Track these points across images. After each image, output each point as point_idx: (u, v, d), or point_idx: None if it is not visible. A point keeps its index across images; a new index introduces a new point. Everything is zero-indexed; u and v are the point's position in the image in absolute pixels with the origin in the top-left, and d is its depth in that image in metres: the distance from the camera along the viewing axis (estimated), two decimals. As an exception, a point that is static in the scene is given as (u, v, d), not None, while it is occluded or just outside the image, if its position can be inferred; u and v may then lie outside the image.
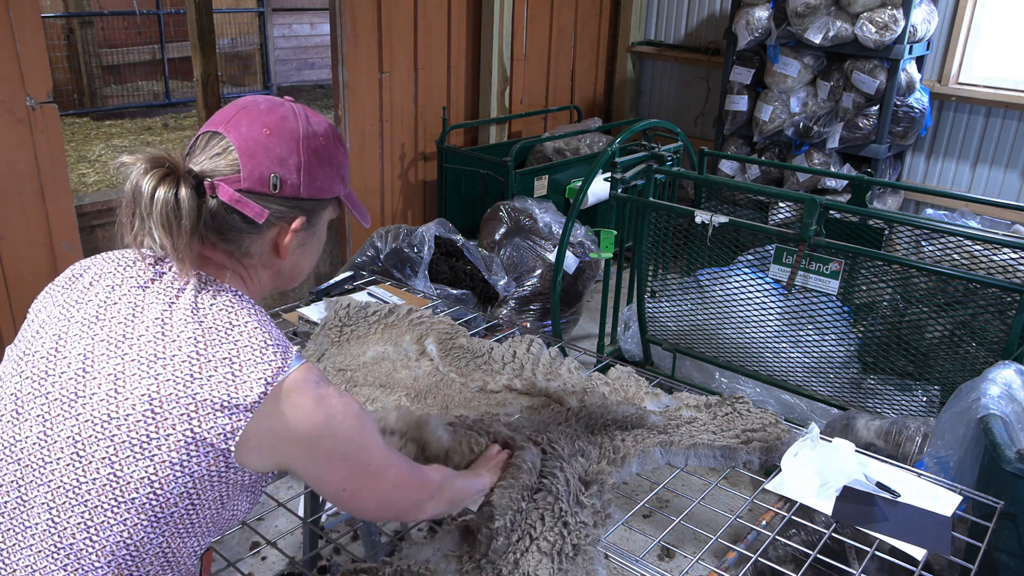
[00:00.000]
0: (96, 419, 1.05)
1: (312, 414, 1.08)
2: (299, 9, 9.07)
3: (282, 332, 1.16)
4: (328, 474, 1.15)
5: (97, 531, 1.04)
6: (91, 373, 1.07)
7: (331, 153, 1.18)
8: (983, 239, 2.73)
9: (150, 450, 1.03)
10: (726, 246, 3.15)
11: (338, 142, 1.21)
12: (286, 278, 1.26)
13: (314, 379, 1.10)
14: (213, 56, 5.32)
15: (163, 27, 7.85)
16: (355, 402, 1.15)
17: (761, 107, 4.74)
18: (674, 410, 1.91)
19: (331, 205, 1.23)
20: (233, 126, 1.11)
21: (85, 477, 1.04)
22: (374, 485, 1.18)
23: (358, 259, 3.80)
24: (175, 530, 1.07)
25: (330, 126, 1.20)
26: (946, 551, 1.49)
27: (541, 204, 4.32)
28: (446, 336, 2.13)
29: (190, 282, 1.11)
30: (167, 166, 1.07)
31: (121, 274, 1.15)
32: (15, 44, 3.02)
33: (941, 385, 2.78)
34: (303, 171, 1.13)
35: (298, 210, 1.16)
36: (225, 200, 1.10)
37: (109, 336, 1.08)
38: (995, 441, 1.76)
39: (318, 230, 1.23)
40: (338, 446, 1.12)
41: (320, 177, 1.16)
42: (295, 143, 1.13)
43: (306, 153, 1.14)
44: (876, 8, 4.23)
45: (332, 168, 1.18)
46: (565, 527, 1.42)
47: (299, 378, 1.08)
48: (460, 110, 5.16)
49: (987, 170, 4.73)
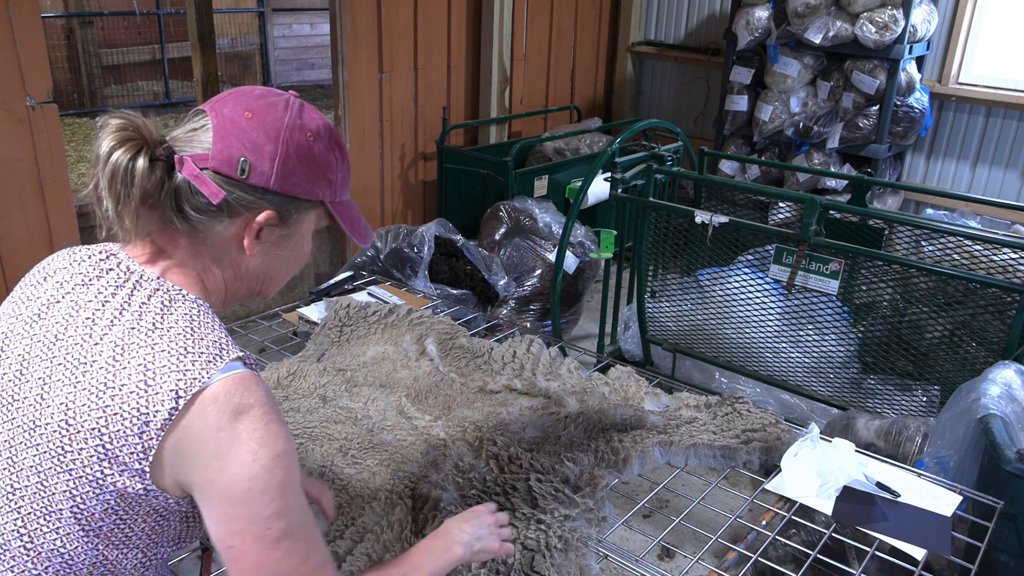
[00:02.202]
0: (24, 425, 1.00)
1: (220, 435, 0.95)
2: (299, 9, 9.07)
3: (229, 338, 1.04)
4: (220, 518, 0.97)
5: (31, 538, 1.00)
6: (25, 376, 1.02)
7: (319, 153, 1.09)
8: (983, 239, 2.73)
9: (67, 463, 0.97)
10: (726, 246, 3.15)
11: (332, 145, 1.11)
12: (254, 283, 1.14)
13: (239, 394, 0.97)
14: (213, 56, 5.33)
15: (163, 27, 7.85)
16: (282, 439, 0.99)
17: (761, 107, 4.74)
18: (674, 410, 1.91)
19: (315, 210, 1.13)
20: (219, 106, 1.07)
21: (18, 483, 1.00)
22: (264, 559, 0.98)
23: (358, 259, 3.80)
24: (109, 542, 1.01)
25: (327, 127, 1.12)
26: (946, 551, 1.49)
27: (541, 204, 4.32)
28: (446, 336, 2.13)
29: (129, 280, 1.04)
30: (131, 130, 1.01)
31: (70, 270, 1.08)
32: (15, 44, 3.02)
33: (941, 385, 2.78)
34: (278, 162, 1.05)
35: (266, 202, 1.06)
36: (187, 175, 1.02)
37: (45, 336, 1.03)
38: (995, 441, 1.76)
39: (296, 235, 1.12)
40: (239, 483, 0.95)
41: (298, 174, 1.07)
42: (275, 132, 1.05)
43: (286, 145, 1.05)
44: (876, 8, 4.23)
45: (316, 168, 1.09)
46: (540, 523, 1.43)
47: (219, 391, 0.96)
48: (460, 110, 5.16)
49: (987, 170, 4.73)
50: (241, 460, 0.95)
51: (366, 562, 1.35)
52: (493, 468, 1.60)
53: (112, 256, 1.07)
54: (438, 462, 1.61)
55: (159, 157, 1.02)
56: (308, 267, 4.73)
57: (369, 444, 1.68)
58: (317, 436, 1.71)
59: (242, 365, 1.00)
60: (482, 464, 1.62)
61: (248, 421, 0.96)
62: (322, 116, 1.14)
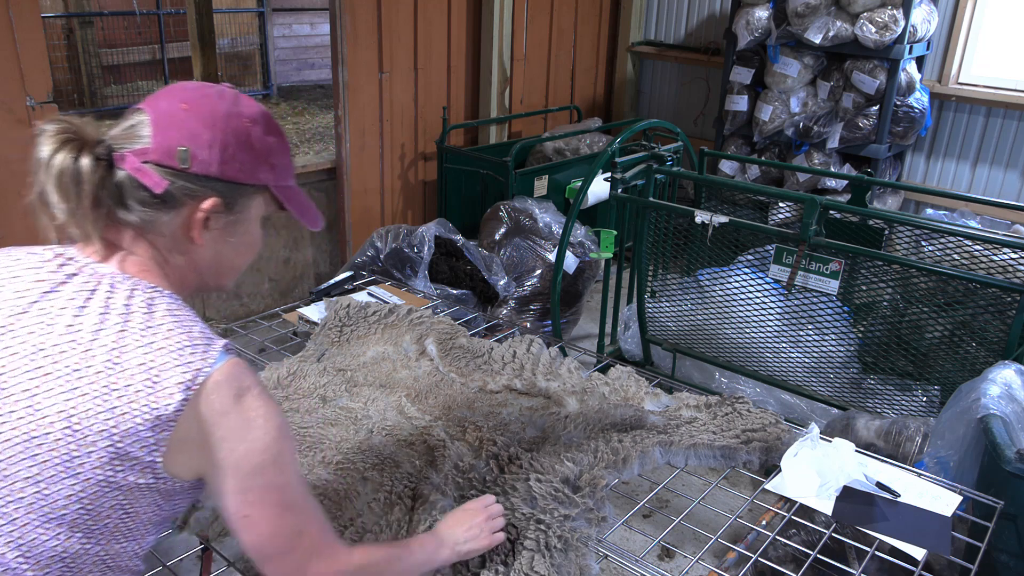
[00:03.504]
0: (16, 439, 1.00)
1: (228, 416, 1.02)
2: (299, 9, 9.06)
3: (204, 325, 1.08)
4: (236, 490, 1.04)
5: (28, 548, 1.01)
6: (7, 390, 1.01)
7: (257, 138, 1.11)
8: (983, 239, 2.73)
9: (74, 468, 0.99)
10: (726, 246, 3.15)
11: (271, 130, 1.14)
12: (210, 272, 1.16)
13: (237, 378, 1.04)
14: (213, 56, 5.33)
15: (163, 27, 7.84)
16: (279, 413, 1.08)
17: (761, 107, 4.74)
18: (674, 410, 1.91)
19: (260, 195, 1.15)
20: (154, 102, 1.09)
21: (11, 496, 1.00)
22: (280, 523, 1.06)
23: (358, 259, 3.80)
24: (111, 537, 1.04)
25: (263, 113, 1.14)
26: (946, 551, 1.49)
27: (541, 204, 4.32)
28: (446, 336, 2.13)
29: (101, 282, 1.05)
30: (70, 132, 1.04)
31: (25, 278, 1.08)
32: (15, 44, 3.02)
33: (941, 385, 2.78)
34: (217, 149, 1.07)
35: (209, 190, 1.08)
36: (128, 170, 1.05)
37: (22, 349, 1.02)
38: (995, 441, 1.76)
39: (244, 221, 1.15)
40: (252, 456, 1.03)
41: (239, 159, 1.09)
42: (212, 120, 1.07)
43: (224, 132, 1.08)
44: (876, 8, 4.23)
45: (256, 153, 1.11)
46: (540, 523, 1.43)
47: (220, 379, 1.02)
48: (460, 110, 5.16)
49: (987, 170, 4.73)
50: (253, 436, 1.03)
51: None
52: (493, 468, 1.60)
53: (70, 260, 1.09)
54: (438, 462, 1.61)
55: (100, 156, 1.04)
56: (308, 267, 4.73)
57: (368, 445, 1.68)
58: (312, 442, 1.70)
59: (228, 351, 1.06)
60: (482, 464, 1.62)
61: (250, 400, 1.04)
62: (258, 104, 1.16)
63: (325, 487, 1.52)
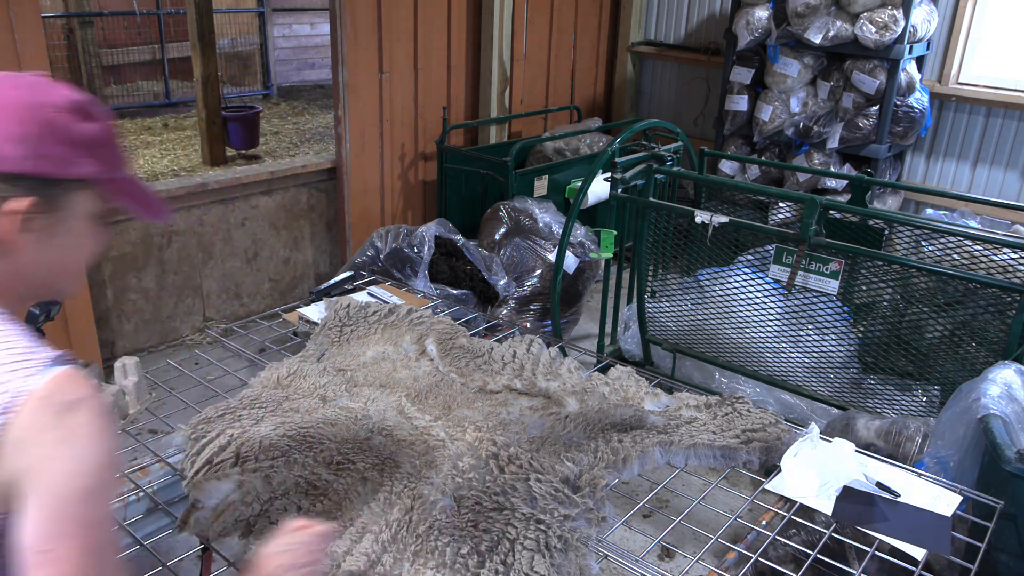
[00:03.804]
0: None
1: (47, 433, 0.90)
2: (299, 9, 9.06)
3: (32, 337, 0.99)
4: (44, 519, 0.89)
5: None
6: None
7: (72, 127, 1.01)
8: (983, 239, 2.73)
9: None
10: (726, 246, 3.15)
11: (91, 117, 1.03)
12: (40, 278, 1.05)
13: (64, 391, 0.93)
14: (213, 56, 5.33)
15: (163, 27, 7.84)
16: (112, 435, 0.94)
17: (761, 107, 4.74)
18: (674, 410, 1.91)
19: (85, 190, 1.04)
20: None
21: None
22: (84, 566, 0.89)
23: (358, 259, 3.80)
24: None
25: (82, 100, 1.04)
26: (946, 551, 1.49)
27: (541, 204, 4.32)
28: (446, 336, 2.13)
29: None
30: None
31: None
32: (15, 44, 3.02)
33: (941, 385, 2.78)
34: (27, 143, 0.97)
35: (20, 189, 0.97)
36: None
37: None
38: (995, 441, 1.76)
39: (70, 219, 1.04)
40: (72, 480, 0.89)
41: (52, 152, 0.99)
42: (16, 112, 0.97)
43: (33, 124, 0.97)
44: (876, 8, 4.23)
45: (71, 144, 1.00)
46: (540, 523, 1.43)
47: (43, 394, 0.91)
48: (460, 110, 5.16)
49: (987, 170, 4.73)
50: (75, 455, 0.90)
51: (365, 562, 1.35)
52: (493, 468, 1.60)
53: None
54: (438, 462, 1.61)
55: None
56: (308, 267, 4.73)
57: (368, 445, 1.68)
58: (312, 442, 1.70)
59: (60, 362, 0.95)
60: (482, 464, 1.62)
61: (79, 416, 0.92)
62: (76, 91, 1.06)
63: (325, 487, 1.51)
